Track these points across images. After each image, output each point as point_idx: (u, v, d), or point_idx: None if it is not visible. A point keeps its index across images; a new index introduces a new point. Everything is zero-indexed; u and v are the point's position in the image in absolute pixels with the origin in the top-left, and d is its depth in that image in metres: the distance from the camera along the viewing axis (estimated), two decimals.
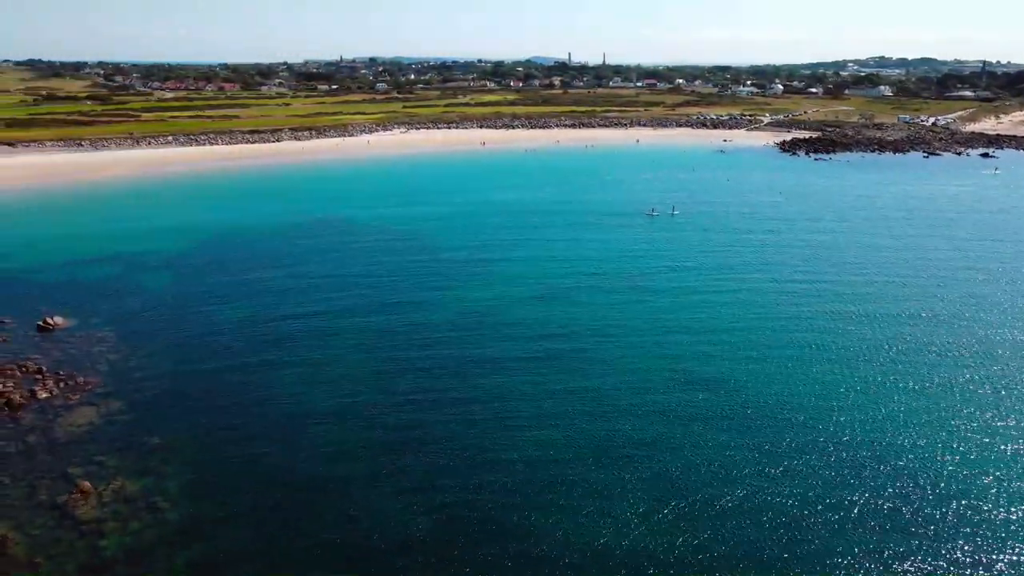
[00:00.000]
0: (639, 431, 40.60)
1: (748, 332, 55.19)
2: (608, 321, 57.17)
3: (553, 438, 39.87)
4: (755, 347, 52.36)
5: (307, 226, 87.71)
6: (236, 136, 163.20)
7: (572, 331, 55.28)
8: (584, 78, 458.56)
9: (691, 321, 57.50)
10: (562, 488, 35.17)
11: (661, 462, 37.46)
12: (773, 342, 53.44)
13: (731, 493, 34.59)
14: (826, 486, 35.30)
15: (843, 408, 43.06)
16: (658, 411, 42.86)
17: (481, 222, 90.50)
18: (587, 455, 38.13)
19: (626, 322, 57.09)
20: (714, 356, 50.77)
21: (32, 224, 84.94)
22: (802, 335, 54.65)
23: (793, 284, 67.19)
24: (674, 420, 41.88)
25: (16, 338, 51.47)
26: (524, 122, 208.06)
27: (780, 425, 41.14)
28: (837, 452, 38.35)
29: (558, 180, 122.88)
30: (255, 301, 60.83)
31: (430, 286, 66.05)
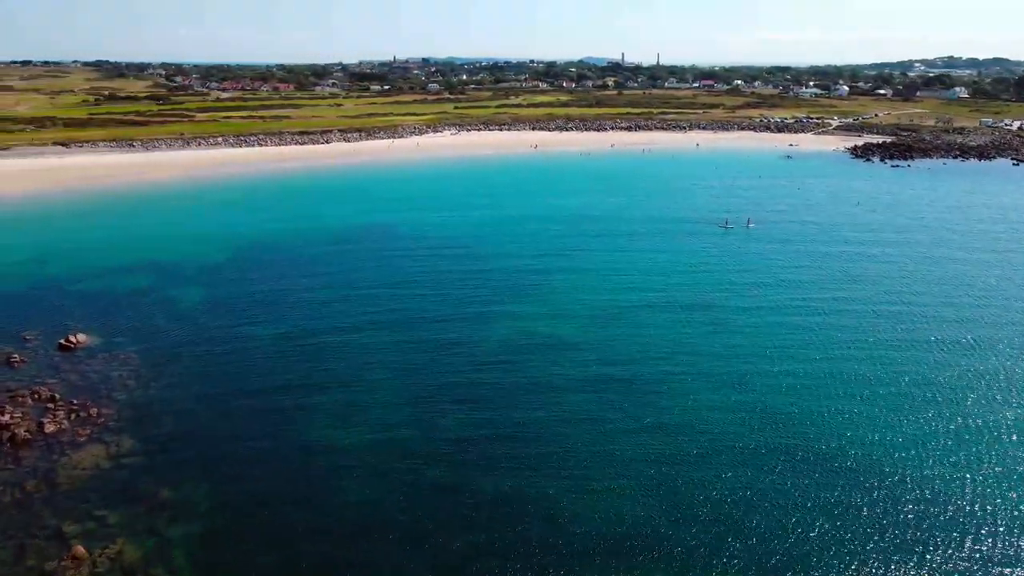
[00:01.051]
0: (717, 482, 34.37)
1: (841, 362, 48.15)
2: (678, 347, 50.79)
3: (618, 488, 34.20)
4: (851, 381, 45.39)
5: (350, 233, 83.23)
6: (285, 137, 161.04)
7: (636, 358, 49.18)
8: (638, 79, 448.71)
9: (773, 349, 50.67)
10: (632, 553, 29.16)
11: (743, 521, 31.12)
12: (873, 376, 46.27)
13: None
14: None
15: (968, 463, 35.70)
16: (738, 458, 36.61)
17: (535, 230, 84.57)
18: (657, 510, 32.40)
19: (698, 349, 50.63)
20: (801, 391, 43.96)
21: (72, 228, 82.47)
22: (907, 368, 47.24)
23: (889, 306, 59.56)
24: (757, 470, 35.48)
25: (36, 358, 47.73)
26: (578, 124, 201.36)
27: (894, 488, 34.06)
28: (975, 529, 31.15)
29: (616, 186, 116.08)
30: (289, 317, 56.21)
31: (480, 300, 60.66)
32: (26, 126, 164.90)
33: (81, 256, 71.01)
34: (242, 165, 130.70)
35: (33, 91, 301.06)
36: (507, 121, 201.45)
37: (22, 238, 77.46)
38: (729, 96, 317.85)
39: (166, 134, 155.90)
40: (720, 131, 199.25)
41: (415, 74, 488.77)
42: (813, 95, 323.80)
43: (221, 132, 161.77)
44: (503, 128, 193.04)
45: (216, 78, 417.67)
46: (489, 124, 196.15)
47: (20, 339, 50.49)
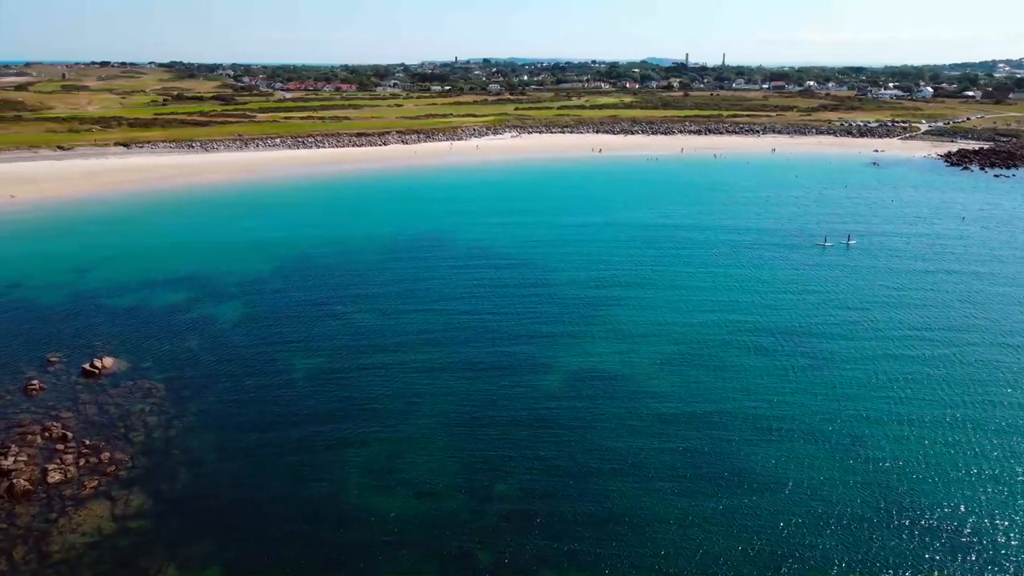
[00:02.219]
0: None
1: (978, 430, 39.47)
2: (772, 399, 43.09)
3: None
4: (993, 441, 36.72)
5: (402, 242, 77.85)
6: (343, 139, 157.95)
7: (723, 411, 41.81)
8: (704, 80, 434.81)
9: (889, 393, 42.59)
10: None
11: None
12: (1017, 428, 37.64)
13: None
14: None
15: None
16: (860, 554, 28.74)
17: (603, 246, 77.45)
18: None
19: (797, 401, 42.84)
20: (931, 464, 35.70)
21: (119, 234, 79.65)
22: None
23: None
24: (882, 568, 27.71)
25: (56, 385, 43.47)
26: (644, 127, 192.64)
27: None
28: None
29: (690, 194, 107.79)
30: (331, 342, 50.79)
31: (543, 325, 54.18)
32: (93, 126, 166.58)
33: (122, 266, 67.51)
34: (297, 167, 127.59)
35: (107, 91, 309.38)
36: (570, 123, 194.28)
37: (68, 244, 74.76)
38: (802, 98, 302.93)
39: (225, 135, 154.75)
40: (796, 135, 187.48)
41: (476, 74, 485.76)
42: (893, 97, 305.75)
43: (279, 133, 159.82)
44: (565, 131, 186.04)
45: (282, 78, 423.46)
46: (551, 126, 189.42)
47: (44, 361, 46.47)
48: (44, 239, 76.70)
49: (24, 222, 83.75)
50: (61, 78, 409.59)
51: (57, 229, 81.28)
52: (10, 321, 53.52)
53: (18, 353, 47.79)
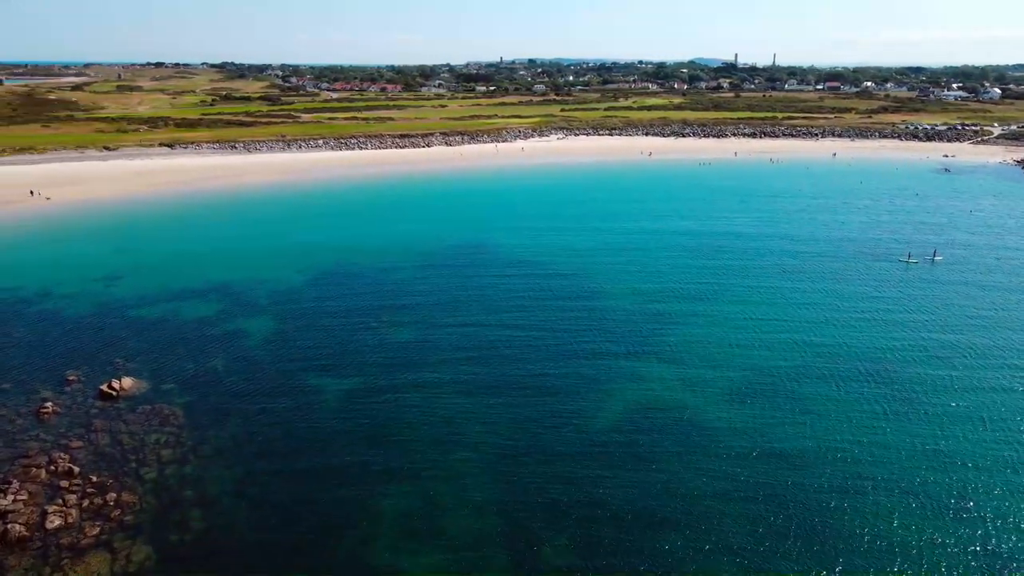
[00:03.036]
0: None
1: None
2: (861, 439, 37.79)
3: None
4: None
5: (444, 251, 73.82)
6: (385, 140, 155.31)
7: (803, 453, 36.83)
8: (755, 80, 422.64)
9: (1006, 446, 36.55)
10: None
11: None
12: None
13: None
14: None
15: None
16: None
17: (657, 256, 72.22)
18: None
19: (893, 443, 37.44)
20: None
21: (152, 239, 77.55)
22: None
23: None
24: None
25: (71, 409, 40.44)
26: (695, 129, 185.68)
27: None
28: None
29: (749, 202, 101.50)
30: (364, 364, 46.90)
31: (594, 350, 49.41)
32: (140, 126, 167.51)
33: (154, 273, 64.97)
34: (338, 169, 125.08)
35: (159, 91, 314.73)
36: (617, 125, 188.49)
37: (101, 249, 72.82)
38: (860, 99, 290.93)
39: (268, 136, 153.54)
40: (858, 139, 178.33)
41: (521, 75, 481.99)
42: (958, 98, 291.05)
43: (321, 134, 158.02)
44: (613, 133, 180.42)
45: (328, 79, 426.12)
46: (598, 128, 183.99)
47: (62, 379, 43.63)
48: (78, 243, 74.98)
49: (59, 225, 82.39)
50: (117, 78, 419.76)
51: (92, 232, 79.62)
52: (36, 333, 51.09)
53: (38, 369, 45.11)
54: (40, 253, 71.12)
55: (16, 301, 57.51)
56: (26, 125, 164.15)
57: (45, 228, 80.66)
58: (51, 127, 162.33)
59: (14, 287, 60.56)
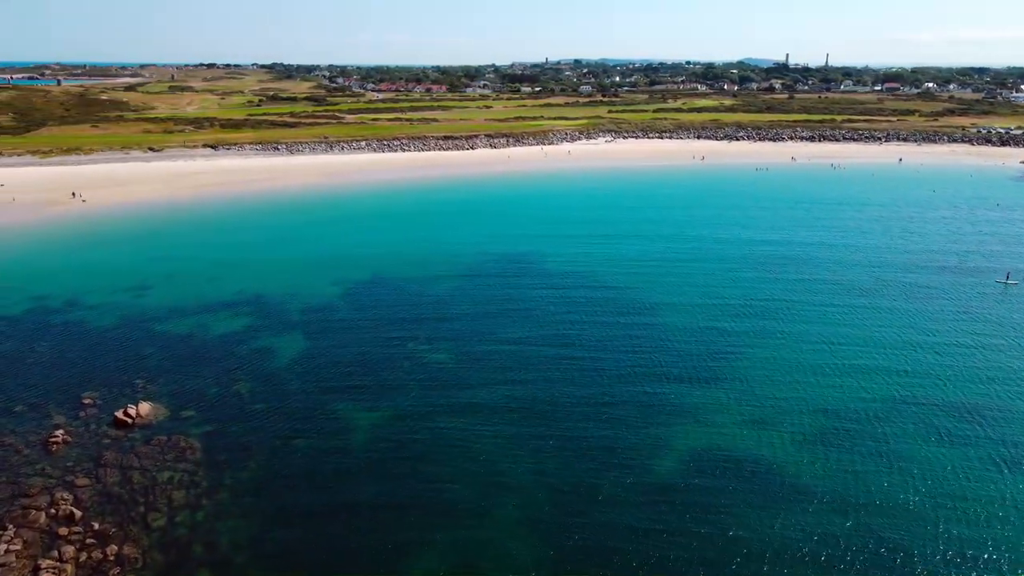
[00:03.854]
0: None
1: None
2: (965, 498, 32.21)
3: None
4: None
5: (486, 262, 69.56)
6: (429, 142, 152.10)
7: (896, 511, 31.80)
8: (808, 81, 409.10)
9: None
10: None
11: None
12: None
13: None
14: None
15: None
16: None
17: (716, 271, 66.68)
18: None
19: (1001, 500, 31.66)
20: None
21: (186, 245, 75.19)
22: None
23: None
24: None
25: (82, 437, 37.32)
26: (750, 133, 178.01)
27: None
28: None
29: (814, 212, 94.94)
30: (398, 389, 42.97)
31: (648, 377, 44.79)
32: (187, 126, 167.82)
33: (184, 283, 62.23)
34: (380, 172, 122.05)
35: (209, 92, 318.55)
36: (668, 128, 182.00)
37: (133, 256, 70.65)
38: (923, 101, 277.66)
39: (310, 137, 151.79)
40: (924, 143, 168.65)
41: (566, 75, 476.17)
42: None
43: (364, 136, 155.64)
44: (663, 136, 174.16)
45: (374, 79, 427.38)
46: (648, 131, 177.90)
47: (78, 403, 40.65)
48: (112, 248, 72.97)
49: (95, 229, 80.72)
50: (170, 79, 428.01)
51: (126, 237, 77.70)
52: (58, 348, 48.48)
53: (55, 390, 42.28)
54: (73, 258, 69.22)
55: (44, 311, 55.23)
56: (77, 125, 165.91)
57: (81, 232, 79.05)
58: (100, 127, 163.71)
59: (43, 295, 58.41)
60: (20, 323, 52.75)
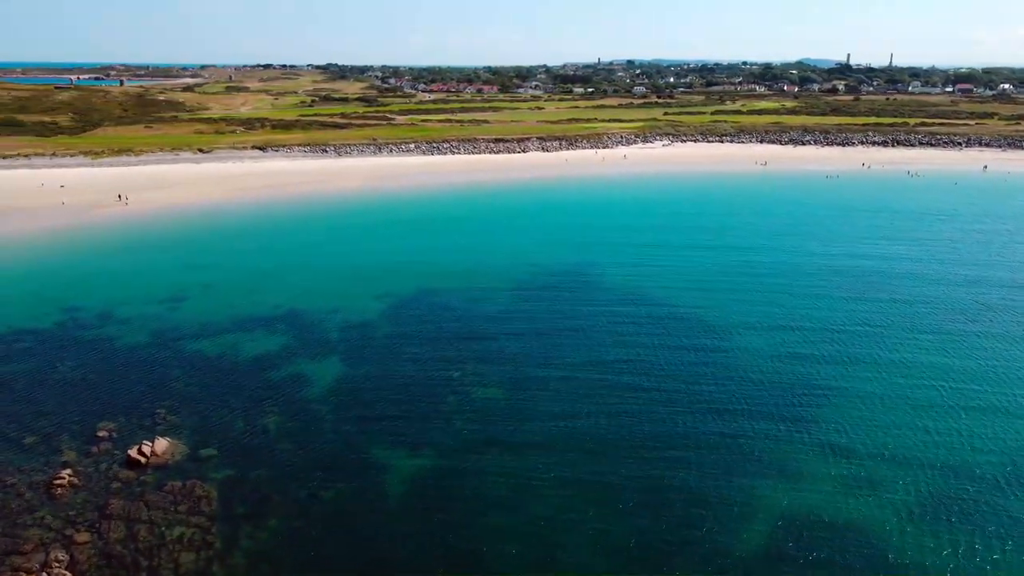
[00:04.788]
0: None
1: None
2: None
3: None
4: None
5: (541, 277, 64.32)
6: (479, 145, 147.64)
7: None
8: (873, 82, 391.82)
9: None
10: None
11: None
12: None
13: None
14: None
15: None
16: None
17: (793, 293, 59.86)
18: None
19: None
20: None
21: (225, 252, 72.05)
22: None
23: None
24: None
25: (90, 480, 33.54)
26: (817, 137, 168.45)
27: None
28: None
29: (896, 225, 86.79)
30: (447, 430, 38.15)
31: (724, 428, 38.73)
32: (238, 127, 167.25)
33: (221, 295, 58.76)
34: (429, 176, 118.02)
35: (264, 92, 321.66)
36: (728, 131, 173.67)
37: (171, 263, 67.71)
38: (1001, 103, 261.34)
39: (359, 139, 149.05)
40: (1010, 148, 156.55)
41: (619, 76, 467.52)
42: None
43: (413, 138, 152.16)
44: (724, 139, 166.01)
45: (425, 80, 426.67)
46: (707, 134, 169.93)
47: (92, 437, 37.01)
48: (151, 255, 70.25)
49: (136, 233, 78.42)
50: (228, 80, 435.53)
51: (167, 243, 75.03)
52: (81, 369, 45.23)
53: (69, 420, 38.80)
54: (111, 265, 66.68)
55: (73, 325, 52.31)
56: (131, 126, 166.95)
57: (122, 236, 76.83)
58: (153, 127, 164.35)
59: (76, 306, 55.63)
60: (48, 338, 49.84)
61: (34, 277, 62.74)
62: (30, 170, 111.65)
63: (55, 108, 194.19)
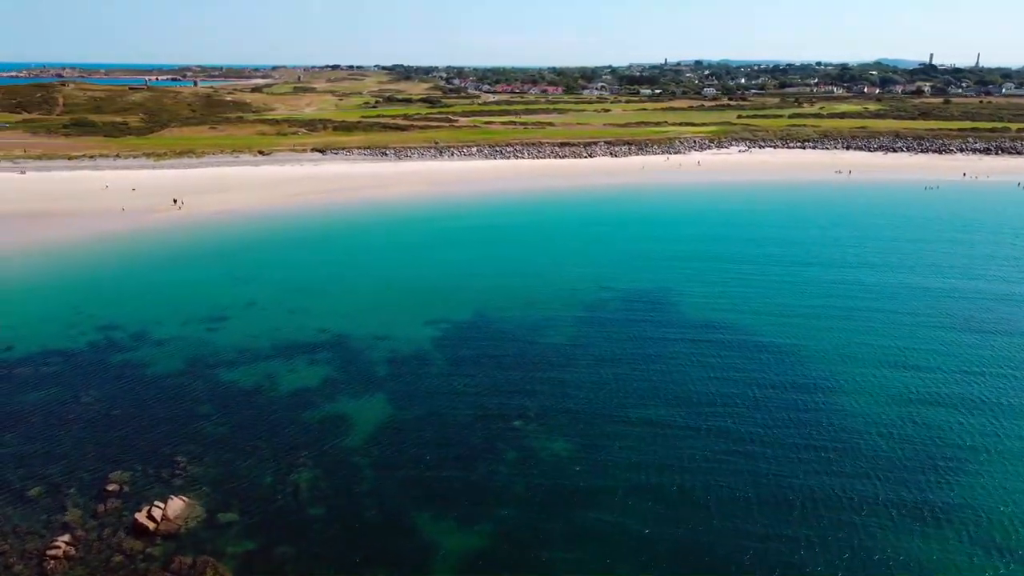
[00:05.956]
0: None
1: None
2: None
3: None
4: None
5: (611, 305, 57.65)
6: (544, 149, 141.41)
7: None
8: (961, 83, 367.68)
9: None
10: None
11: None
12: None
13: None
14: None
15: None
16: None
17: (913, 330, 51.48)
18: None
19: None
20: None
21: (274, 264, 67.89)
22: None
23: None
24: None
25: (92, 546, 28.86)
26: (909, 143, 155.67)
27: None
28: None
29: (1019, 246, 76.53)
30: (504, 500, 32.20)
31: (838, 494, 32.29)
32: (300, 129, 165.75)
33: (262, 316, 54.29)
34: (490, 182, 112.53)
35: (329, 93, 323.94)
36: (810, 136, 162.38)
37: (217, 277, 63.91)
38: None
39: (420, 142, 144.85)
40: None
41: (687, 77, 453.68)
42: None
43: (475, 141, 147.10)
44: (805, 145, 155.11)
45: (490, 80, 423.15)
46: (787, 140, 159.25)
47: (101, 491, 32.46)
48: (196, 267, 66.65)
49: (185, 242, 75.29)
50: (296, 80, 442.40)
51: (214, 253, 71.50)
52: (104, 401, 41.13)
53: (81, 466, 34.42)
54: (155, 278, 63.25)
55: (106, 347, 48.52)
56: (197, 127, 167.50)
57: (171, 245, 73.81)
58: (217, 128, 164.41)
59: (112, 324, 51.99)
60: (78, 361, 46.09)
61: (77, 289, 59.77)
62: (95, 171, 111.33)
63: (127, 109, 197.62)
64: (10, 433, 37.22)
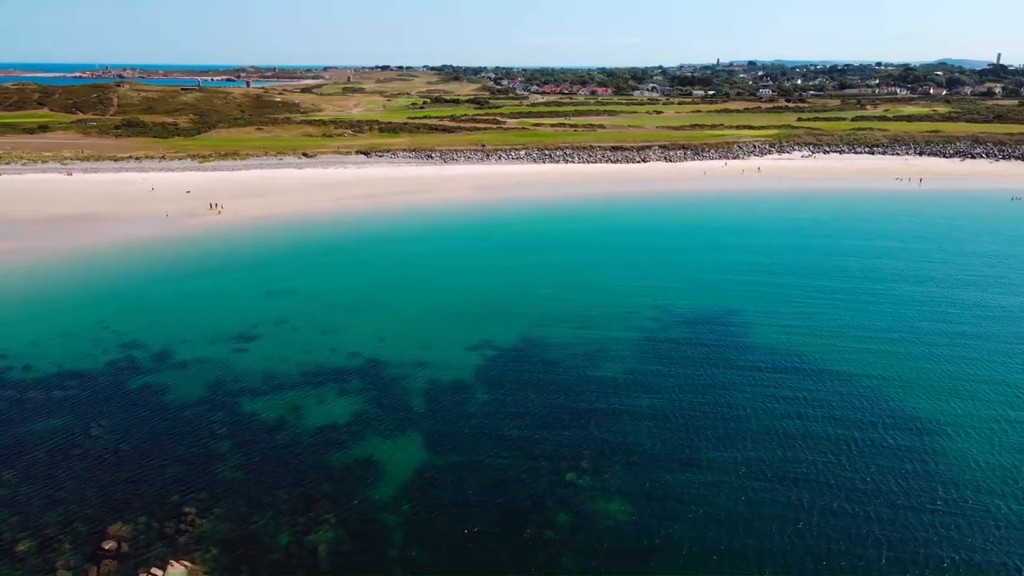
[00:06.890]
0: None
1: None
2: None
3: None
4: None
5: (672, 331, 52.07)
6: (595, 153, 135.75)
7: None
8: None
9: None
10: None
11: None
12: None
13: None
14: None
15: None
16: None
17: (1004, 360, 44.77)
18: None
19: None
20: None
21: (310, 274, 64.10)
22: None
23: None
24: None
25: None
26: (989, 148, 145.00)
27: None
28: None
29: None
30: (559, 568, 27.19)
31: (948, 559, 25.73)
32: (346, 130, 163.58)
33: (292, 336, 50.40)
34: (538, 187, 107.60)
35: (378, 93, 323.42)
36: (879, 141, 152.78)
37: (249, 289, 60.47)
38: None
39: (467, 144, 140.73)
40: None
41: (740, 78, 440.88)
42: None
43: (524, 143, 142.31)
44: (874, 151, 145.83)
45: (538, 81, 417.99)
46: (853, 144, 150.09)
47: (96, 548, 28.70)
48: (228, 278, 63.35)
49: (219, 251, 72.35)
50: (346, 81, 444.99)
51: (249, 263, 68.27)
52: (114, 434, 37.78)
53: (79, 515, 30.90)
54: (185, 288, 60.17)
55: (125, 367, 45.29)
56: (244, 128, 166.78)
57: (205, 253, 70.93)
58: (264, 129, 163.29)
59: (135, 342, 48.86)
60: (94, 385, 42.89)
61: (107, 300, 57.08)
62: (139, 173, 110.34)
63: (178, 109, 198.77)
64: (10, 471, 33.96)
